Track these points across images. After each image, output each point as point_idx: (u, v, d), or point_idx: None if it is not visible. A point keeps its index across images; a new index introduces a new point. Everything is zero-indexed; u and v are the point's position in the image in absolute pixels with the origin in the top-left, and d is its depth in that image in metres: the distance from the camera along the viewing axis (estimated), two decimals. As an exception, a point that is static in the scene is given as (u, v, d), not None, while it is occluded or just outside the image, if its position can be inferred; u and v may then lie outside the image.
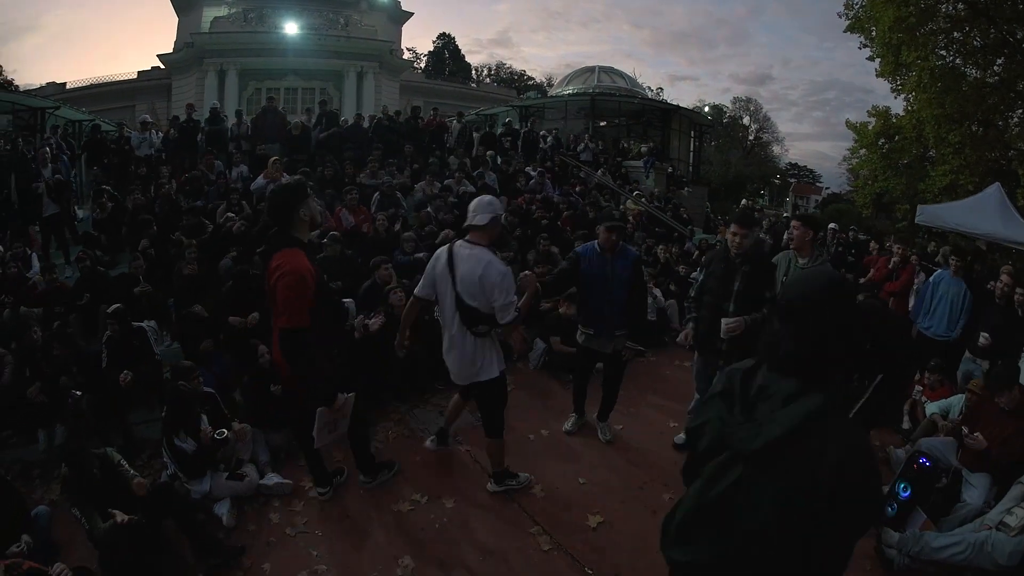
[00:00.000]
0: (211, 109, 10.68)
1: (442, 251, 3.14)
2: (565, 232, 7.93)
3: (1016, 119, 15.27)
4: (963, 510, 3.34)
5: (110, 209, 7.31)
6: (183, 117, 10.27)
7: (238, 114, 11.22)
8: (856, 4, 16.04)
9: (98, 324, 4.86)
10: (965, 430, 3.48)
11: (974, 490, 3.39)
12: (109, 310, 4.41)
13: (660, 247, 8.13)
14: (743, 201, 14.00)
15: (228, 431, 3.47)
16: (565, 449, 4.06)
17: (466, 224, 3.14)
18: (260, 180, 7.85)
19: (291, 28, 22.66)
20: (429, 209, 7.70)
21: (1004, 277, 4.95)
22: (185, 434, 3.42)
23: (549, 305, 5.71)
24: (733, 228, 3.53)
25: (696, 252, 8.73)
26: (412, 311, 3.36)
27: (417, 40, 74.33)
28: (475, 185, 9.23)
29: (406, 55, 30.28)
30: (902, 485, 3.36)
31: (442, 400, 4.59)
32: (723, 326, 3.41)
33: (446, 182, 9.14)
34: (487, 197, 3.24)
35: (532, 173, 10.53)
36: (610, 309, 3.76)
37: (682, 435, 4.19)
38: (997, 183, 9.50)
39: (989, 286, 5.51)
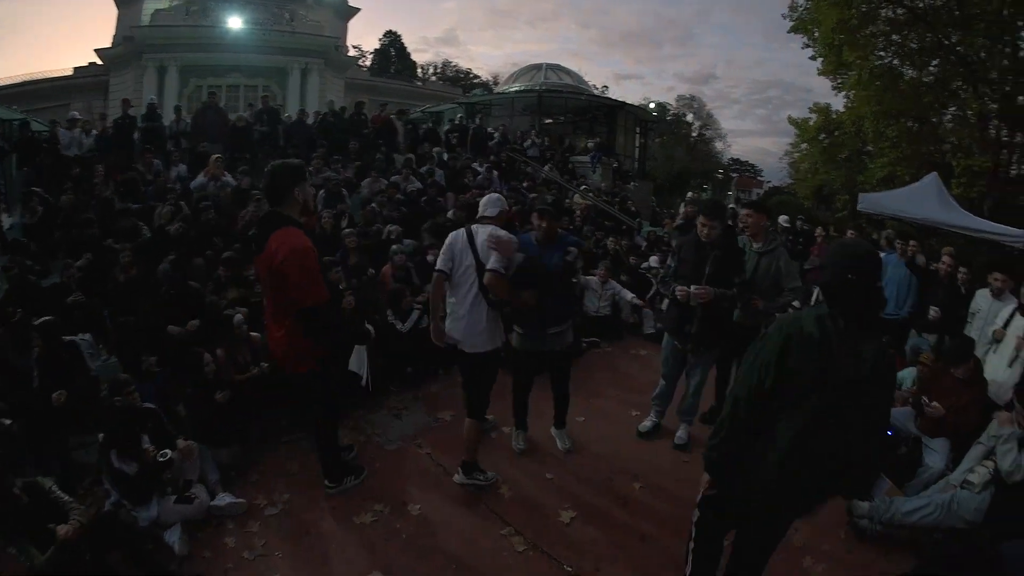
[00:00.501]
0: (148, 105, 9.95)
1: (459, 232, 3.35)
2: (514, 227, 7.84)
3: (949, 116, 16.39)
4: (926, 474, 3.49)
5: (41, 213, 6.72)
6: (118, 114, 9.56)
7: (177, 110, 10.54)
8: (800, 6, 16.83)
9: (31, 340, 4.42)
10: (925, 400, 3.65)
11: (935, 454, 3.56)
12: (35, 324, 4.00)
13: (610, 239, 8.20)
14: (688, 194, 14.36)
15: (172, 450, 3.17)
16: (529, 445, 3.93)
17: (478, 216, 3.39)
18: (201, 179, 7.43)
19: (235, 22, 21.65)
20: (374, 205, 7.45)
21: (946, 258, 5.29)
22: (125, 455, 3.09)
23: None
24: (702, 219, 3.60)
25: (645, 244, 8.95)
26: (439, 288, 3.35)
27: (363, 38, 73.32)
28: (423, 182, 9.09)
29: (351, 52, 29.51)
30: None
31: (396, 402, 4.41)
32: (691, 290, 3.49)
33: (393, 179, 8.92)
34: (495, 196, 3.50)
35: (480, 169, 10.48)
36: (545, 304, 3.58)
37: (647, 423, 4.19)
38: (934, 173, 10.13)
39: (932, 267, 5.81)
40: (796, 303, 3.93)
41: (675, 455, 3.96)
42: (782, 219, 9.89)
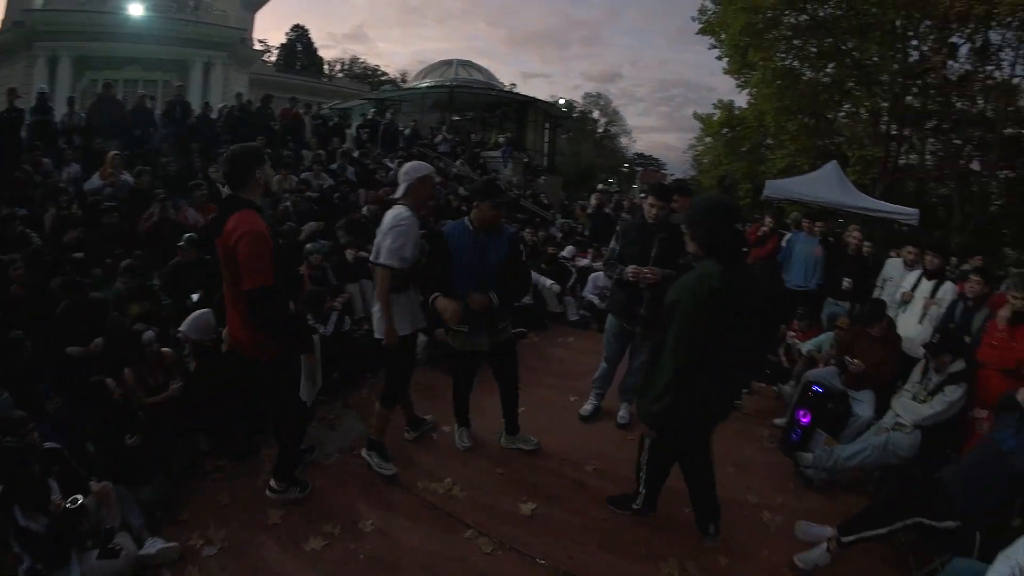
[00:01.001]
0: (38, 95, 8.72)
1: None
2: (428, 222, 7.71)
3: (844, 113, 18.34)
4: (856, 423, 3.86)
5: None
6: (3, 106, 8.16)
7: (70, 102, 9.26)
8: (710, 10, 18.13)
9: None
10: (847, 359, 3.98)
11: (862, 404, 3.93)
12: None
13: (527, 230, 8.31)
14: (599, 186, 14.91)
15: (83, 496, 2.63)
16: (474, 442, 3.78)
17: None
18: (95, 180, 6.69)
19: (136, 9, 19.28)
20: (288, 204, 7.02)
21: (856, 234, 5.88)
22: (31, 509, 2.51)
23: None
24: (650, 200, 3.72)
25: (560, 235, 9.24)
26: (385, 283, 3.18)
27: (269, 32, 69.80)
28: (336, 179, 8.76)
29: (257, 47, 27.88)
30: (801, 412, 3.86)
31: (327, 413, 4.09)
32: (643, 271, 3.57)
33: (303, 176, 8.49)
34: (405, 166, 3.33)
35: (391, 165, 10.28)
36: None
37: (588, 407, 4.24)
38: (834, 161, 11.18)
39: (840, 242, 6.36)
40: None
41: (620, 434, 4.03)
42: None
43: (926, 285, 4.50)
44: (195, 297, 4.73)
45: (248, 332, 2.73)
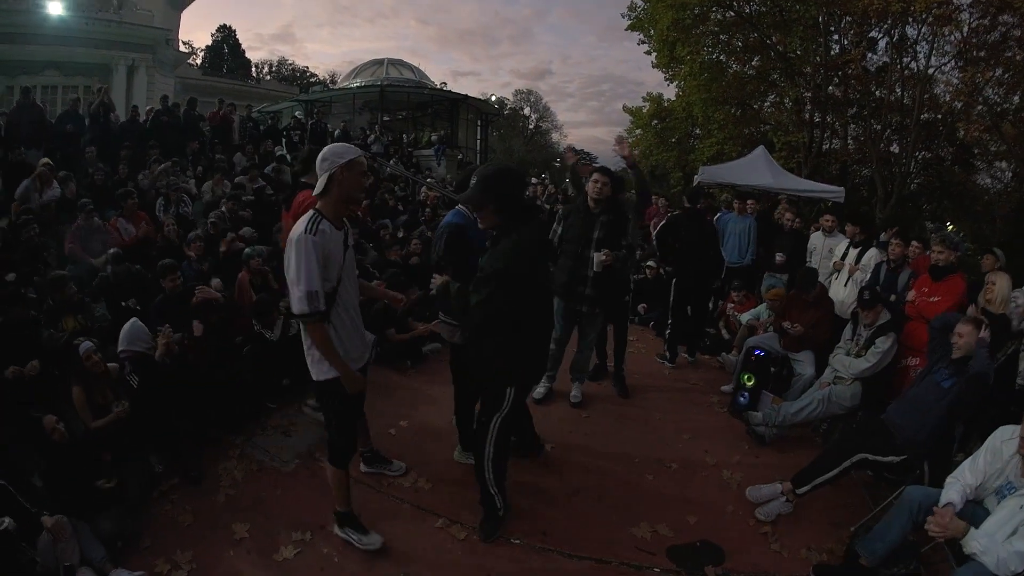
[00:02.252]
0: None
1: None
2: (365, 222, 7.63)
3: (768, 102, 19.35)
4: (799, 382, 4.17)
5: None
6: None
7: None
8: (639, 7, 18.67)
9: None
10: (786, 324, 4.26)
11: (803, 363, 4.24)
12: None
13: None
14: (533, 179, 15.13)
15: (8, 520, 2.34)
16: (432, 433, 3.77)
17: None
18: (26, 184, 6.16)
19: (55, 8, 17.66)
20: (223, 209, 6.70)
21: (788, 214, 6.32)
22: None
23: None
24: (595, 176, 3.73)
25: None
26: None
27: (194, 33, 66.47)
28: (271, 183, 8.48)
29: (182, 48, 26.66)
30: (746, 376, 4.11)
31: (281, 419, 3.93)
32: (595, 259, 3.64)
33: (237, 180, 8.20)
34: (323, 151, 2.40)
35: None
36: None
37: (540, 390, 4.16)
38: (762, 146, 11.78)
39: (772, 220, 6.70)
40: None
41: (575, 413, 4.15)
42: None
43: (853, 253, 4.91)
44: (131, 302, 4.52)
45: None
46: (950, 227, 15.40)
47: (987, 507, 2.36)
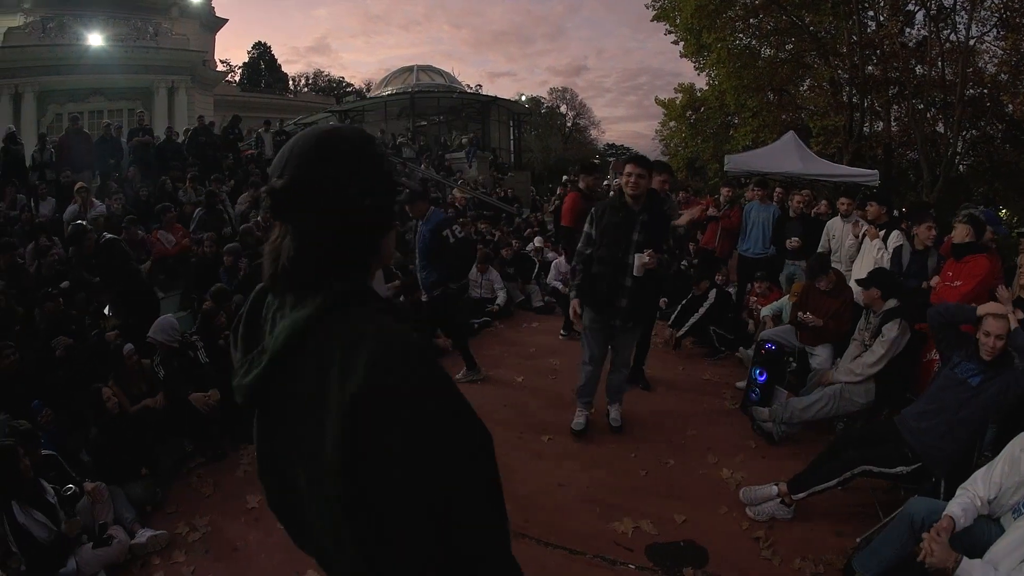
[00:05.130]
0: (7, 133, 8.83)
1: None
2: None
3: (805, 87, 18.49)
4: (814, 378, 3.86)
5: None
6: None
7: (41, 138, 9.43)
8: None
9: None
10: (801, 314, 4.03)
11: (819, 358, 3.98)
12: None
13: (481, 224, 8.71)
14: (564, 178, 15.10)
15: (75, 487, 2.91)
16: None
17: None
18: (73, 207, 6.77)
19: (95, 39, 19.25)
20: (259, 218, 7.12)
21: (797, 197, 6.01)
22: (27, 503, 2.70)
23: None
24: (627, 168, 3.26)
25: (528, 230, 9.59)
26: None
27: (231, 51, 69.35)
28: None
29: (219, 67, 27.75)
30: (757, 371, 3.86)
31: None
32: (636, 261, 3.22)
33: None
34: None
35: None
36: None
37: (580, 421, 3.78)
38: (791, 131, 11.38)
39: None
40: None
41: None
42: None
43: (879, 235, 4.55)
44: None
45: None
46: (1003, 212, 14.52)
47: (1003, 525, 2.04)
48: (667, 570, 2.57)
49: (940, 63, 15.15)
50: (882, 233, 4.56)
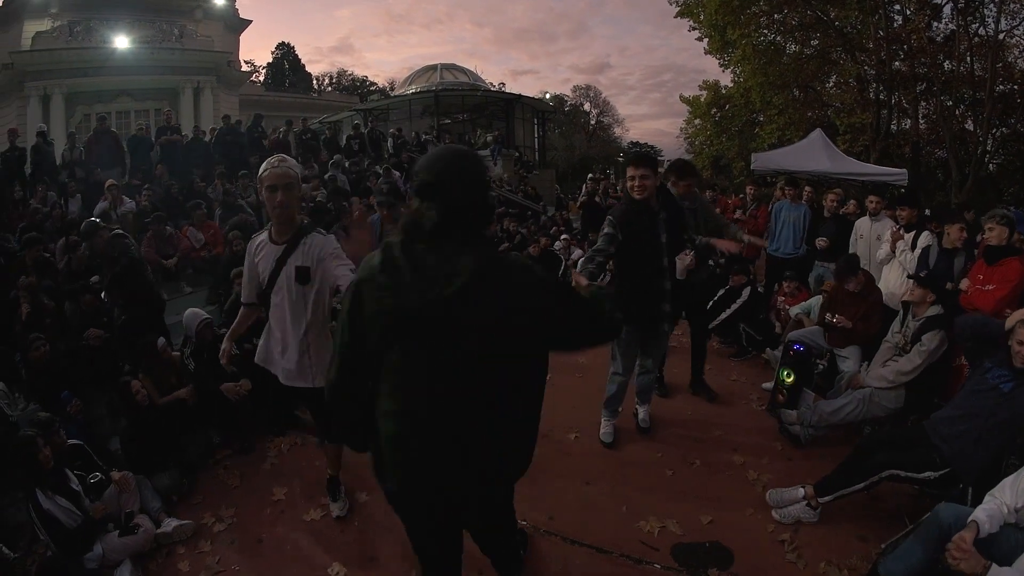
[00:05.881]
0: (38, 132, 9.21)
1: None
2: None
3: (831, 83, 18.25)
4: (843, 380, 3.81)
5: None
6: (5, 146, 8.83)
7: (71, 137, 9.77)
8: None
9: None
10: (829, 316, 3.98)
11: (848, 360, 3.91)
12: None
13: (505, 220, 8.77)
14: (589, 175, 15.06)
15: (102, 475, 2.99)
16: None
17: None
18: (103, 204, 6.94)
19: (122, 42, 19.80)
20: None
21: (830, 196, 5.89)
22: (51, 490, 2.76)
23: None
24: (630, 171, 3.20)
25: (554, 228, 9.62)
26: None
27: (255, 52, 70.38)
28: (327, 188, 8.99)
29: (244, 68, 28.14)
30: (785, 372, 3.75)
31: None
32: (678, 265, 3.19)
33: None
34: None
35: (380, 171, 10.42)
36: None
37: (608, 431, 3.69)
38: (819, 129, 11.20)
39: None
40: None
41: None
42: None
43: (907, 237, 4.48)
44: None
45: None
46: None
47: None
48: (692, 571, 2.56)
49: (969, 58, 14.83)
50: (911, 234, 4.47)
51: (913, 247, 4.41)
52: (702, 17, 17.93)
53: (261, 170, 2.44)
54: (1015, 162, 16.21)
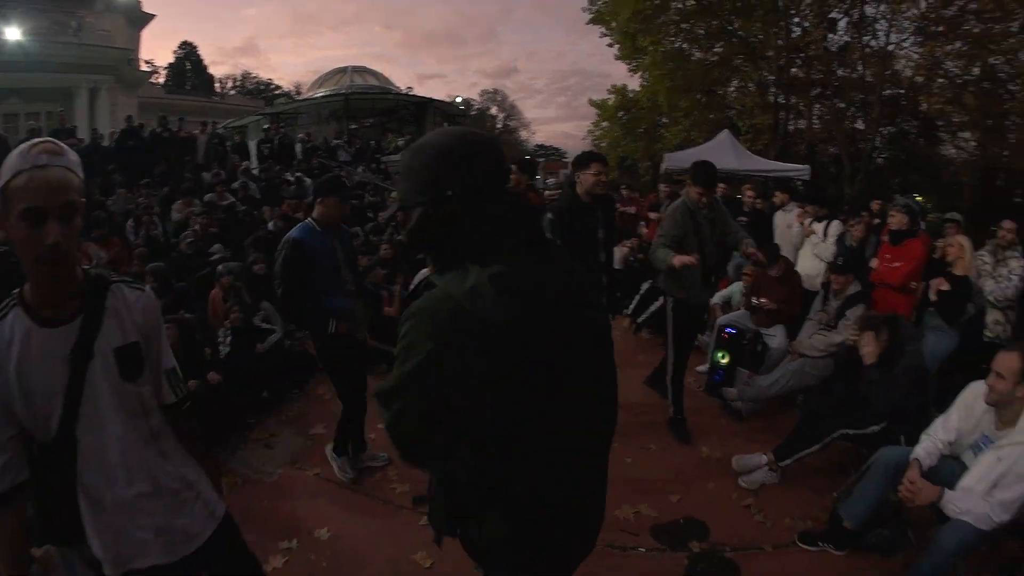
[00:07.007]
0: None
1: None
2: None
3: (733, 88, 19.73)
4: (772, 357, 4.18)
5: None
6: None
7: None
8: (599, 0, 18.82)
9: None
10: (755, 300, 4.34)
11: (775, 338, 4.27)
12: None
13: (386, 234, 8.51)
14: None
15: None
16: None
17: None
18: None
19: (12, 34, 17.10)
20: (197, 227, 6.68)
21: (748, 192, 6.37)
22: None
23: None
24: (595, 168, 3.31)
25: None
26: None
27: (156, 51, 65.57)
28: (237, 196, 8.51)
29: (144, 67, 26.16)
30: (719, 354, 4.11)
31: (262, 432, 3.97)
32: (617, 255, 3.54)
33: (207, 197, 8.15)
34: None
35: (291, 178, 10.15)
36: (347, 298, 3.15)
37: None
38: (726, 129, 12.00)
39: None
40: None
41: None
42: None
43: (817, 227, 5.07)
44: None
45: None
46: (919, 199, 15.81)
47: (964, 462, 2.37)
48: (675, 547, 2.69)
49: (860, 66, 16.42)
50: (821, 225, 5.04)
51: (825, 236, 4.96)
52: (614, 25, 18.66)
53: (7, 171, 1.17)
54: (900, 156, 18.43)
